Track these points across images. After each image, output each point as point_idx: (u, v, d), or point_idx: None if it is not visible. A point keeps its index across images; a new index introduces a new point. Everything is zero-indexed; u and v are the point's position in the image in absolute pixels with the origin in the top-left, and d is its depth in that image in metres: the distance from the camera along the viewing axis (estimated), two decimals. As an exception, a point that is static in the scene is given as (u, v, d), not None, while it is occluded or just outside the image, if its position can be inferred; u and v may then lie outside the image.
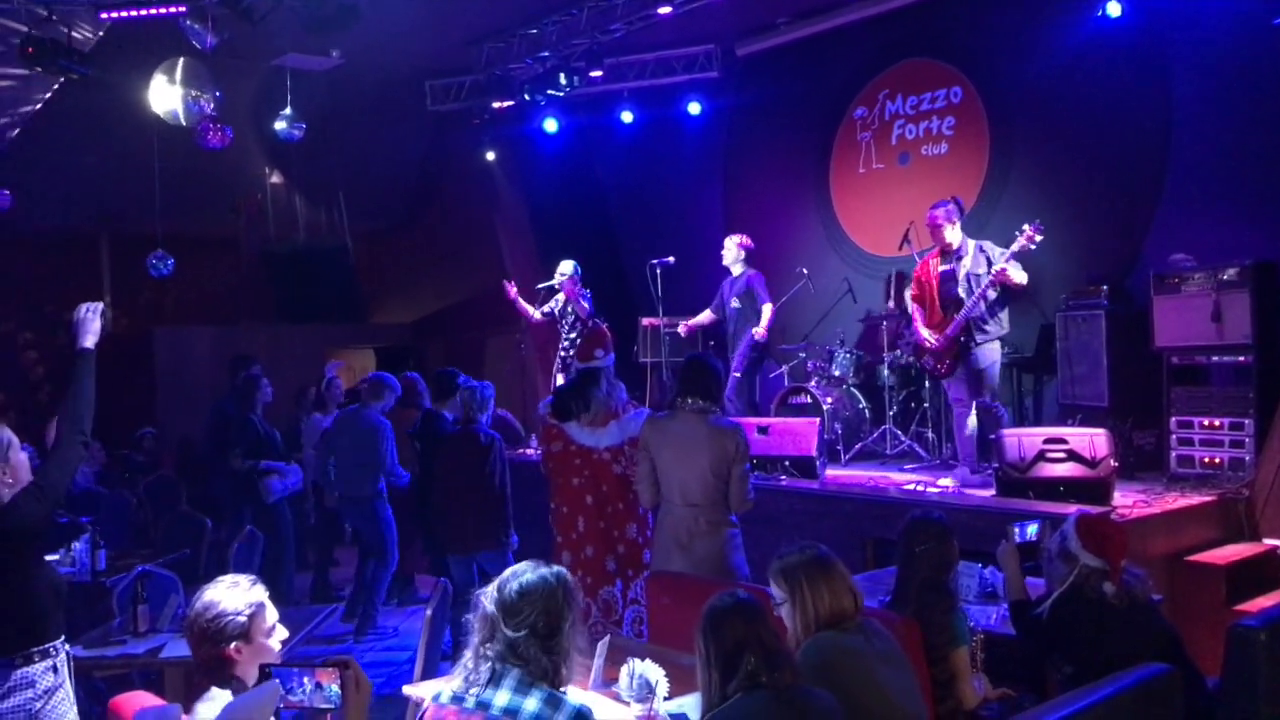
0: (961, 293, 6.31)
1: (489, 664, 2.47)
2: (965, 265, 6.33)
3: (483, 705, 2.44)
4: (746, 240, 8.17)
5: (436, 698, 2.56)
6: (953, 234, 6.43)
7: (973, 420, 6.42)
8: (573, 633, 2.54)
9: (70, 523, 6.13)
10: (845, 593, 2.91)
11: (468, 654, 2.54)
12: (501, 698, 2.43)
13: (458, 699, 2.50)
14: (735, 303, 8.10)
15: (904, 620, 3.36)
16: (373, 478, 7.07)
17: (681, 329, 8.54)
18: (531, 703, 2.41)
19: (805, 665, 2.73)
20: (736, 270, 8.16)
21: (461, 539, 6.05)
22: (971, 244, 6.39)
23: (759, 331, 7.97)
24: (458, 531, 6.05)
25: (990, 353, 6.32)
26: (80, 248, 11.29)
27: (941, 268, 6.46)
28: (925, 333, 6.50)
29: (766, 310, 7.99)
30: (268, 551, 6.54)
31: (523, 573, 2.56)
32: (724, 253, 8.14)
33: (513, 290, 8.73)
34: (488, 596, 2.54)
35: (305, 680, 2.53)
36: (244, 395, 7.74)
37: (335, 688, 2.50)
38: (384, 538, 7.15)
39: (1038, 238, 6.12)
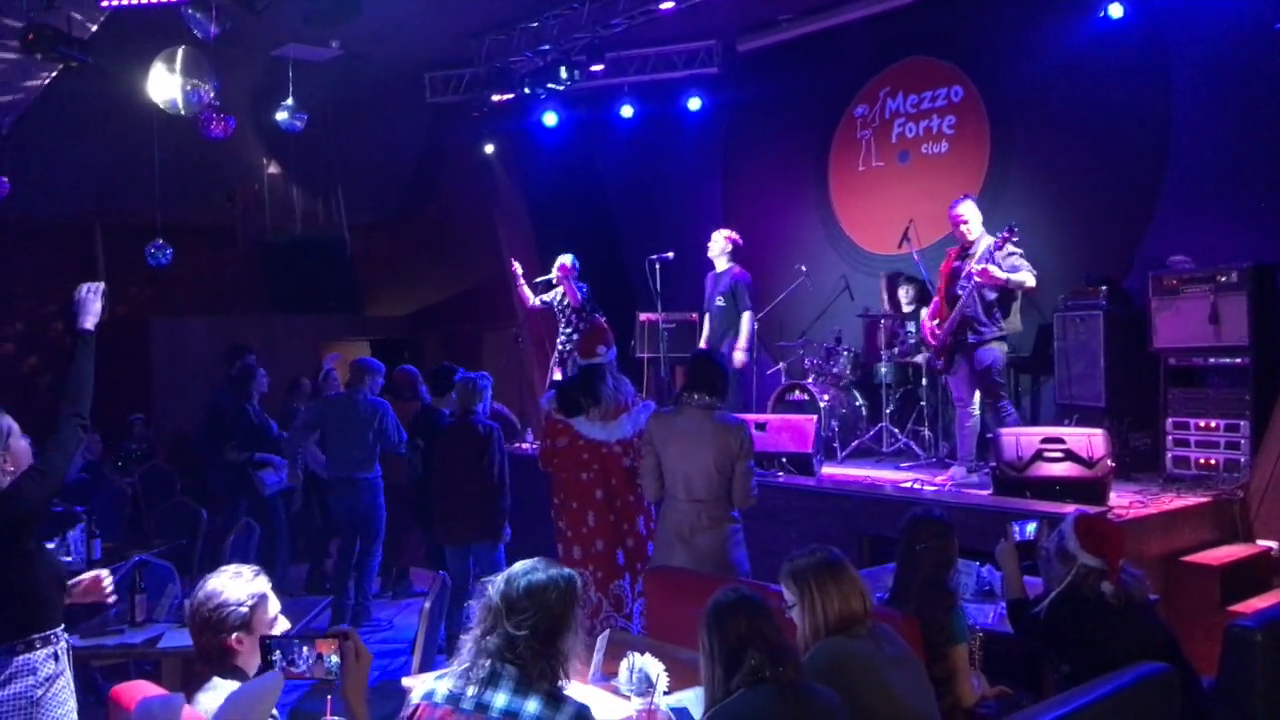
0: (959, 290, 6.33)
1: (488, 660, 2.44)
2: (970, 263, 6.33)
3: (482, 707, 2.41)
4: (735, 236, 8.07)
5: (429, 696, 2.52)
6: (970, 231, 6.42)
7: (973, 421, 6.44)
8: (574, 639, 2.52)
9: (65, 511, 6.12)
10: (855, 596, 2.92)
11: (467, 643, 2.52)
12: (501, 699, 2.40)
13: (453, 698, 2.46)
14: (720, 301, 7.99)
15: (904, 618, 3.38)
16: (370, 460, 7.06)
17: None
18: (532, 704, 2.39)
19: (812, 670, 2.73)
20: (721, 265, 8.04)
21: (456, 530, 6.06)
22: (985, 243, 6.35)
23: (739, 357, 7.77)
24: (453, 523, 6.06)
25: (987, 353, 6.30)
26: (75, 236, 11.24)
27: (955, 263, 6.48)
28: (929, 326, 6.53)
29: (745, 322, 7.80)
30: (262, 543, 6.53)
31: (533, 571, 2.54)
32: (710, 245, 8.06)
33: (518, 268, 8.71)
34: (494, 588, 2.52)
35: (305, 650, 2.52)
36: (239, 385, 7.73)
37: (335, 658, 2.50)
38: (377, 522, 7.13)
39: (1013, 240, 6.18)
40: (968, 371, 6.40)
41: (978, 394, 6.49)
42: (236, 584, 2.81)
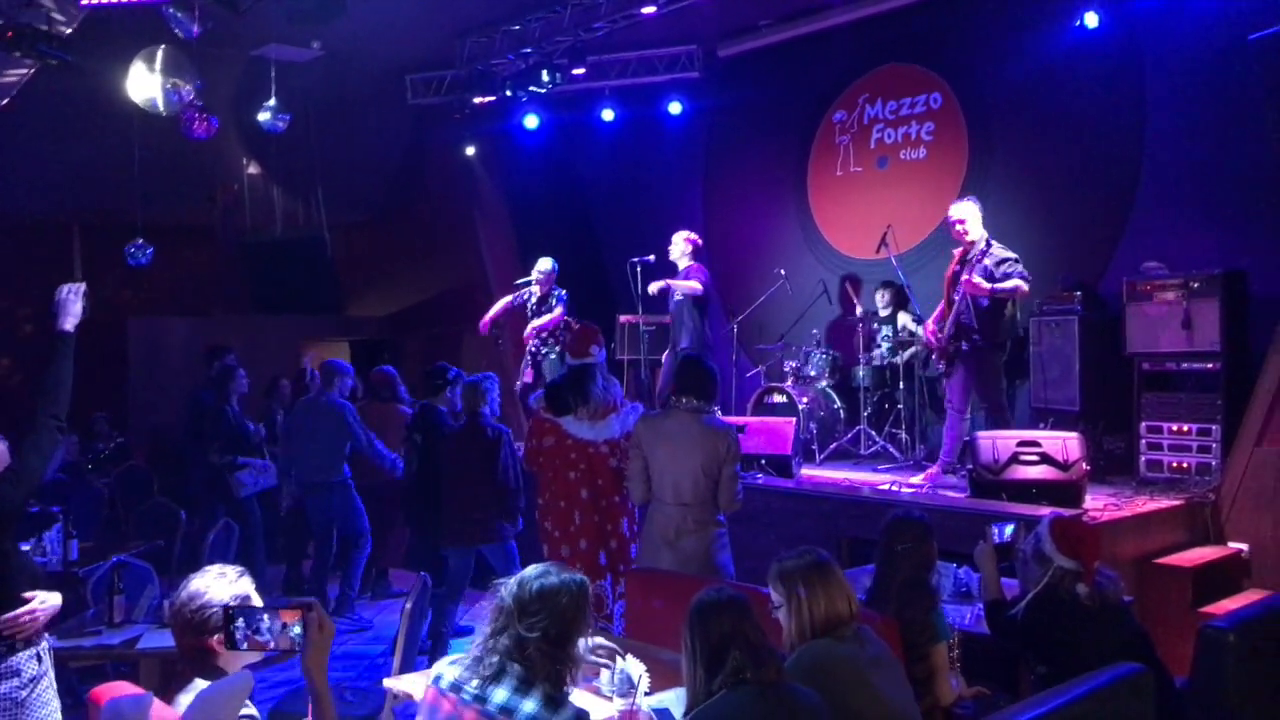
0: (955, 296, 6.38)
1: (497, 658, 2.49)
2: (965, 270, 6.38)
3: (479, 699, 2.46)
4: (694, 237, 8.21)
5: (437, 680, 2.59)
6: (968, 232, 6.43)
7: (963, 425, 6.47)
8: (583, 645, 2.58)
9: (41, 512, 6.07)
10: (842, 598, 2.94)
11: (478, 640, 2.57)
12: (500, 695, 2.45)
13: (456, 687, 2.52)
14: (678, 295, 8.14)
15: (884, 620, 3.41)
16: (338, 463, 7.05)
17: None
18: (530, 704, 2.42)
19: (797, 672, 2.76)
20: (682, 265, 8.18)
21: (464, 532, 6.04)
22: (980, 247, 6.36)
23: (660, 285, 7.99)
24: (461, 525, 6.04)
25: (978, 360, 6.35)
26: (53, 235, 11.16)
27: (955, 267, 6.50)
28: (932, 329, 6.58)
29: (692, 285, 7.97)
30: (239, 544, 6.50)
31: (545, 574, 2.58)
32: (671, 247, 8.17)
33: (486, 325, 8.74)
34: (507, 589, 2.57)
35: (268, 618, 2.52)
36: (219, 386, 7.69)
37: (299, 628, 2.50)
38: (357, 521, 7.13)
39: (989, 251, 6.25)
40: (963, 376, 6.44)
41: (972, 399, 6.54)
42: (220, 584, 2.79)
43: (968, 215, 6.45)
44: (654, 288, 8.05)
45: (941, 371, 6.67)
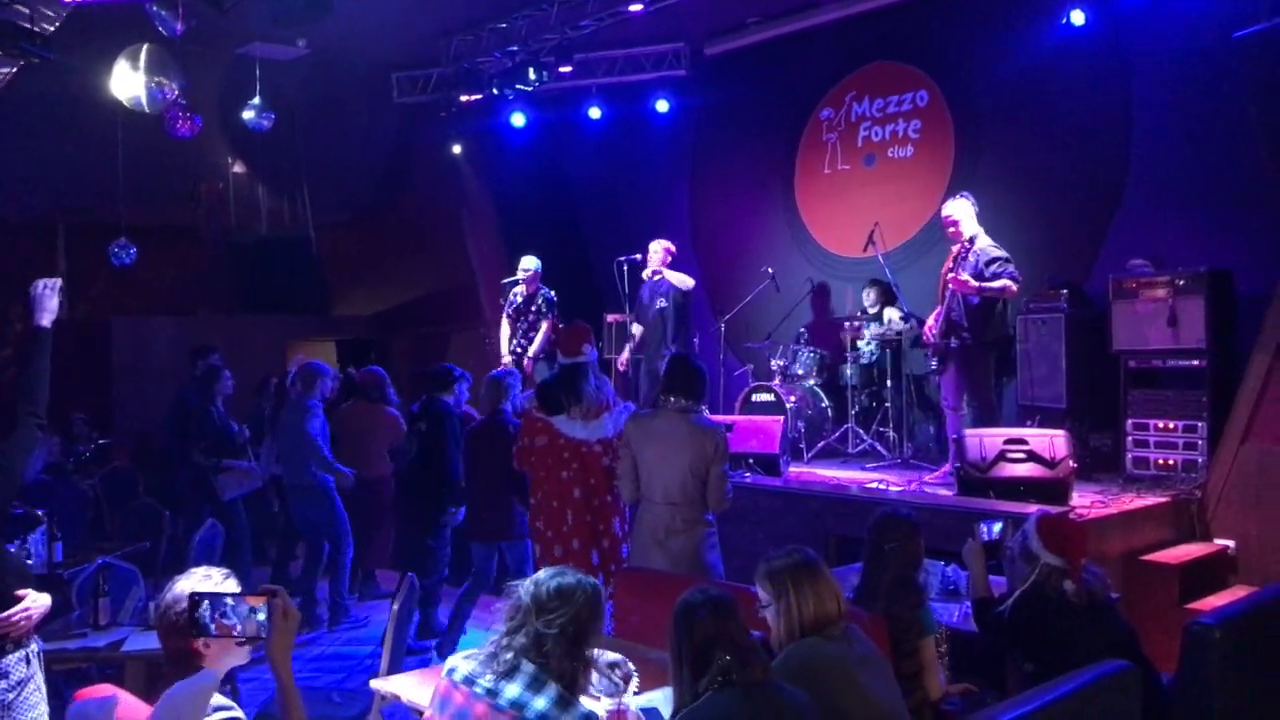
0: (945, 293, 6.40)
1: (512, 654, 2.51)
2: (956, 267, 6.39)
3: (491, 693, 2.48)
4: (671, 247, 8.28)
5: (450, 673, 2.60)
6: (962, 231, 6.42)
7: (960, 424, 6.49)
8: (596, 645, 2.60)
9: (26, 514, 6.02)
10: (830, 597, 2.93)
11: (493, 639, 2.59)
12: (512, 690, 2.47)
13: (469, 681, 2.54)
14: (661, 302, 8.16)
15: (871, 618, 3.40)
16: (312, 466, 7.05)
17: (621, 363, 8.61)
18: (541, 701, 2.44)
19: (784, 671, 2.75)
20: (657, 275, 8.23)
21: (487, 528, 6.11)
22: (979, 243, 6.36)
23: (650, 270, 8.16)
24: (484, 521, 6.11)
25: (968, 357, 6.36)
26: (37, 236, 11.08)
27: (950, 264, 6.51)
28: (929, 327, 6.59)
29: (684, 278, 8.15)
30: (224, 546, 6.47)
31: (561, 574, 2.62)
32: (650, 256, 8.20)
33: (507, 360, 8.70)
34: (524, 589, 2.59)
35: (234, 603, 2.51)
36: (204, 386, 7.65)
37: (264, 615, 2.49)
38: (339, 524, 7.11)
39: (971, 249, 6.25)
40: (954, 373, 6.45)
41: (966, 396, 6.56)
42: (206, 587, 2.77)
43: (960, 214, 6.46)
44: (648, 272, 8.10)
45: (934, 369, 6.69)
